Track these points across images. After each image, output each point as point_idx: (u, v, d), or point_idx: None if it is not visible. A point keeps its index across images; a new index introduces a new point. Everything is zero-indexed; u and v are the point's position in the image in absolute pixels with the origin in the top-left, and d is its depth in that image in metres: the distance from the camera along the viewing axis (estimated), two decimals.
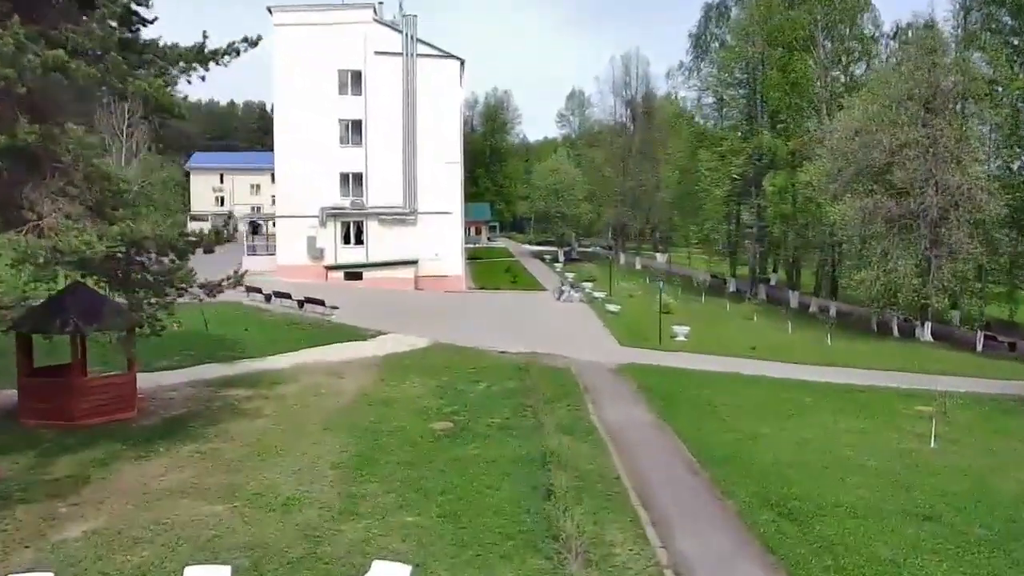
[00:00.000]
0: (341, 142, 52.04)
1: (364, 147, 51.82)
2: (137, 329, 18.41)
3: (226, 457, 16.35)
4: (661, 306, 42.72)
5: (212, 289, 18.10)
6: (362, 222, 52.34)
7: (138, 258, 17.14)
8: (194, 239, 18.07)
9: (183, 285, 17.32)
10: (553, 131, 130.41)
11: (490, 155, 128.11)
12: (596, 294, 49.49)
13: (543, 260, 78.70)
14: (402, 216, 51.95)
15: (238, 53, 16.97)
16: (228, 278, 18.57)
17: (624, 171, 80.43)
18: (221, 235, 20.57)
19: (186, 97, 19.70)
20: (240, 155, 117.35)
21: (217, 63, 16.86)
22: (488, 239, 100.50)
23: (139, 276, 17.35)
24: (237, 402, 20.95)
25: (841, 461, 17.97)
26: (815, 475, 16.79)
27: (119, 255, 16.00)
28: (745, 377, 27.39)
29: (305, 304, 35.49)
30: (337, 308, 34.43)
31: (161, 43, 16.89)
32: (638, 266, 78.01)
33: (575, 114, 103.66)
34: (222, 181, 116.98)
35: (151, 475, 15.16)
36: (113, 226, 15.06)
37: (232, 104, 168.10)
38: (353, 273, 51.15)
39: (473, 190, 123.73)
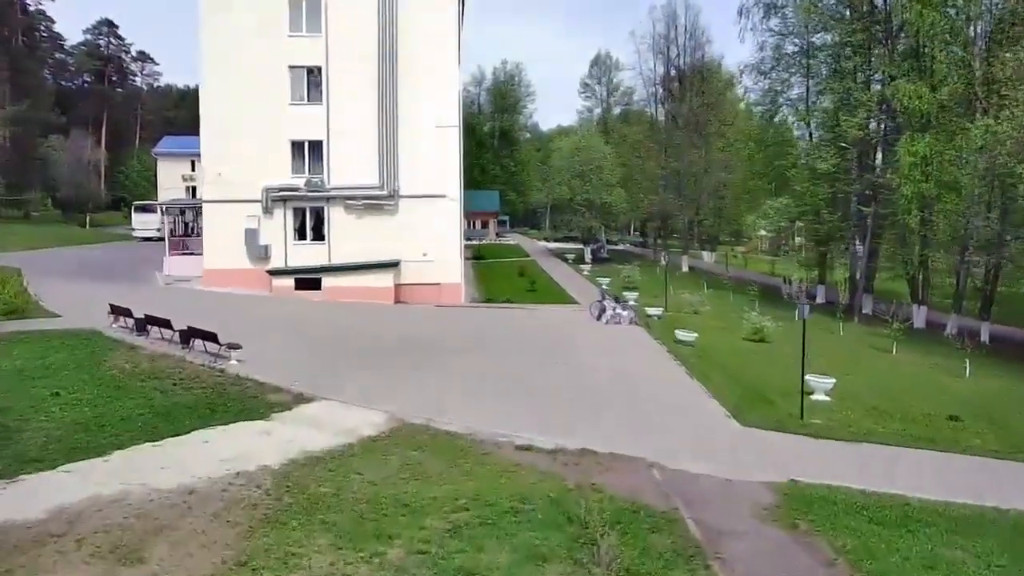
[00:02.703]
0: (293, 98, 38.73)
1: (325, 105, 38.48)
2: None
3: None
4: (758, 334, 29.53)
5: None
6: (322, 209, 39.05)
7: None
8: None
9: None
10: (571, 117, 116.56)
11: (499, 138, 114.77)
12: (650, 311, 36.00)
13: (565, 261, 65.14)
14: (377, 201, 38.63)
15: None
16: None
17: (667, 150, 66.89)
18: None
19: None
20: None
21: None
22: (497, 235, 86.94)
23: None
24: None
25: None
26: None
27: None
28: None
29: (192, 340, 22.07)
30: (237, 348, 21.03)
31: None
32: (685, 267, 64.35)
33: (602, 82, 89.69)
34: (193, 168, 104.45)
35: None
36: None
37: None
38: (308, 281, 37.81)
39: (480, 178, 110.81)
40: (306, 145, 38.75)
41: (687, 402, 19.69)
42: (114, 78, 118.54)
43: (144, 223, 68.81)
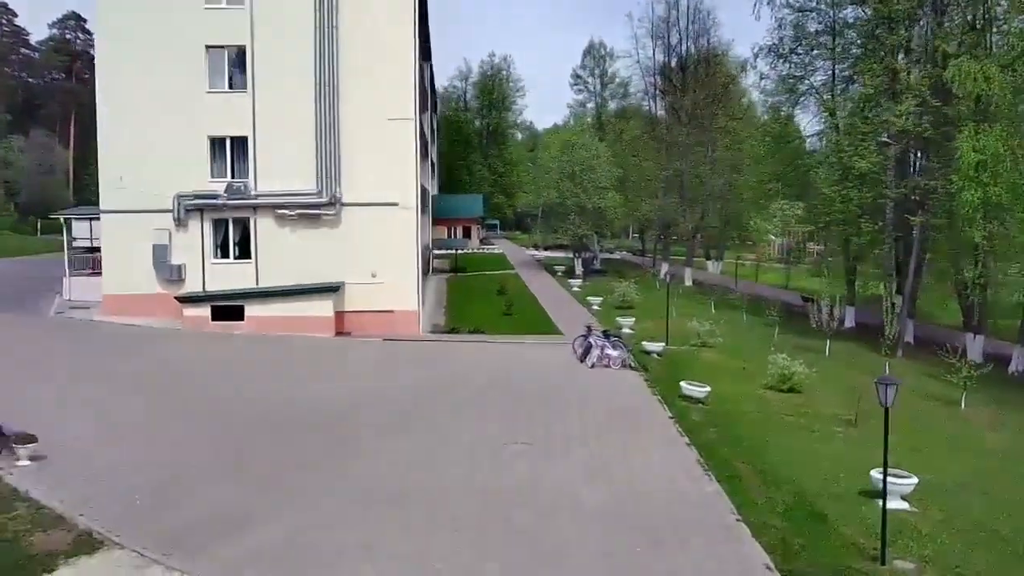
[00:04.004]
0: (211, 86, 32.15)
1: (251, 94, 31.89)
2: None
3: None
4: (787, 383, 23.12)
5: None
6: (248, 221, 32.43)
7: None
8: None
9: None
10: (563, 113, 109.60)
11: (487, 136, 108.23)
12: (648, 347, 29.35)
13: (554, 273, 58.45)
14: (315, 210, 32.04)
15: None
16: None
17: (667, 148, 60.22)
18: None
19: None
20: None
21: None
22: (481, 242, 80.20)
23: None
24: None
25: None
26: None
27: None
28: None
29: None
30: (30, 442, 14.30)
31: None
32: (688, 281, 57.65)
33: (595, 74, 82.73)
34: None
35: None
36: None
37: None
38: (227, 309, 31.16)
39: (467, 180, 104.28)
40: (228, 142, 32.19)
41: (709, 541, 12.85)
42: (85, 75, 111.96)
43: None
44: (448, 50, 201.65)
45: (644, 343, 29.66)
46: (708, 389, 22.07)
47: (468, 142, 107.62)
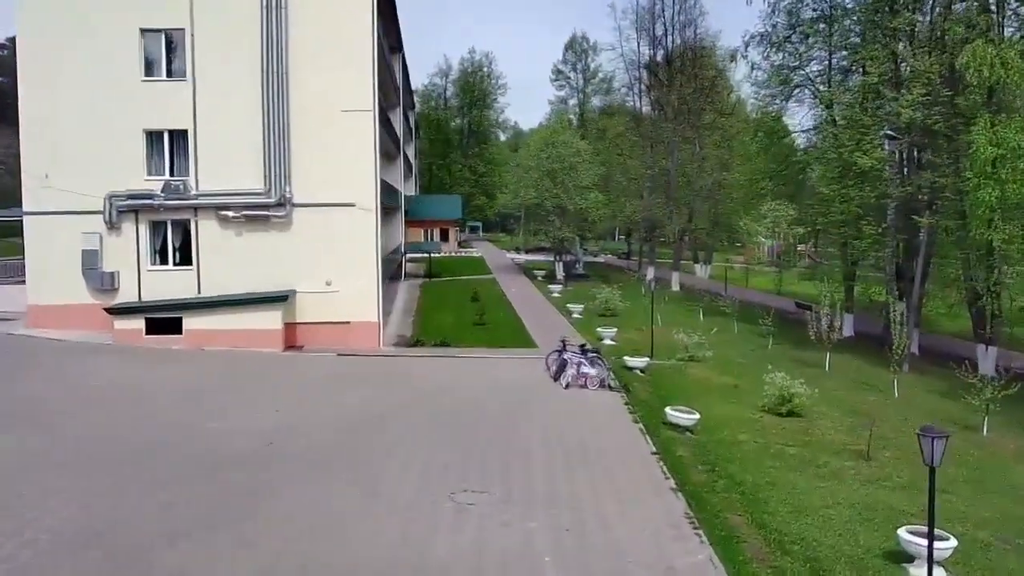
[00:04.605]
0: (147, 74, 29.15)
1: (191, 83, 28.91)
2: None
3: None
4: (786, 405, 20.61)
5: None
6: (188, 223, 29.42)
7: None
8: None
9: None
10: (546, 111, 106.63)
11: (467, 136, 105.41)
12: (631, 363, 26.57)
13: (534, 278, 55.68)
14: (263, 211, 29.08)
15: None
16: None
17: (653, 146, 57.51)
18: None
19: None
20: None
21: None
22: (459, 245, 77.28)
23: None
24: None
25: None
26: None
27: None
28: None
29: None
30: None
31: None
32: (675, 286, 54.95)
33: (577, 69, 79.88)
34: None
35: None
36: None
37: None
38: (164, 321, 28.12)
39: (448, 181, 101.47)
40: (166, 136, 29.20)
41: None
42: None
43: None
44: (430, 48, 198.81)
45: (626, 358, 26.89)
46: (697, 416, 19.27)
47: (448, 141, 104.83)
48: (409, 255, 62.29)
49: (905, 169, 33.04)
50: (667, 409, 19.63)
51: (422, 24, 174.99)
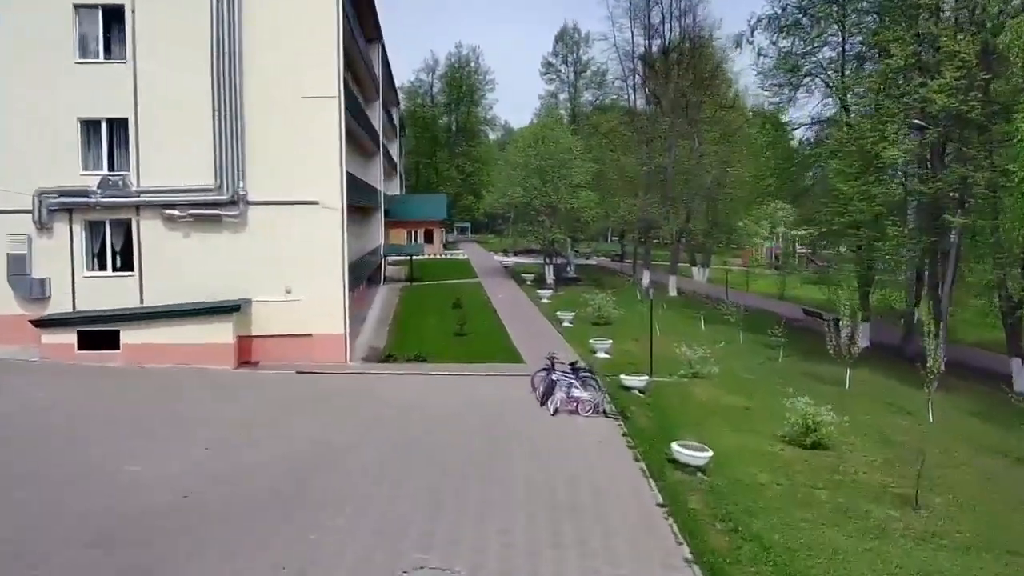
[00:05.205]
0: (82, 55, 26.01)
1: (132, 65, 25.79)
2: None
3: None
4: (810, 435, 17.88)
5: None
6: (129, 223, 26.29)
7: None
8: None
9: None
10: (536, 106, 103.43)
11: (455, 133, 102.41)
12: (628, 382, 23.54)
13: (522, 282, 52.67)
14: (214, 210, 25.99)
15: None
16: None
17: (649, 142, 54.52)
18: None
19: None
20: None
21: None
22: (444, 246, 74.17)
23: None
24: None
25: None
26: None
27: None
28: None
29: None
30: None
31: None
32: (673, 290, 52.00)
33: (568, 61, 76.76)
34: None
35: None
36: None
37: None
38: (99, 335, 24.99)
39: (435, 180, 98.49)
40: (104, 126, 26.10)
41: None
42: None
43: None
44: (419, 45, 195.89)
45: (623, 377, 23.85)
46: (709, 454, 16.24)
47: (435, 139, 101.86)
48: (391, 257, 59.25)
49: (929, 163, 30.03)
50: (673, 445, 16.60)
51: (409, 21, 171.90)
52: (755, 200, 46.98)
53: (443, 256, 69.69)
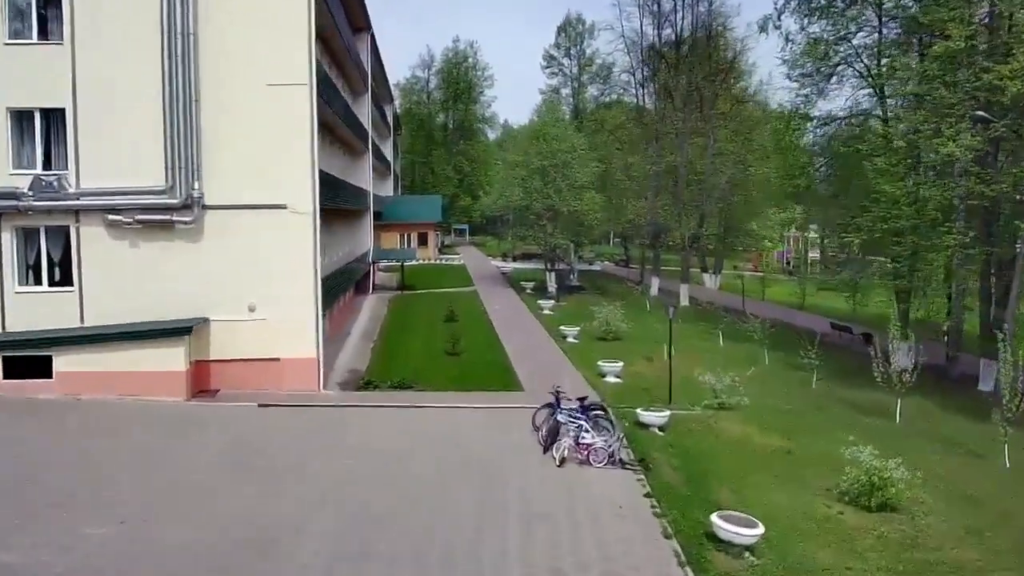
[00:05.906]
0: (12, 35, 22.62)
1: (69, 47, 22.39)
2: None
3: None
4: (877, 496, 14.35)
5: None
6: (68, 230, 22.89)
7: None
8: None
9: None
10: (537, 102, 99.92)
11: (451, 131, 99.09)
12: (646, 419, 20.12)
13: (522, 291, 49.30)
14: (164, 215, 22.58)
15: None
16: None
17: (658, 139, 51.08)
18: None
19: None
20: None
21: None
22: (440, 251, 70.78)
23: None
24: None
25: None
26: None
27: None
28: None
29: None
30: None
31: None
32: (684, 299, 48.62)
33: (571, 54, 73.28)
34: None
35: None
36: None
37: None
38: (28, 361, 21.60)
39: (431, 180, 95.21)
40: (37, 117, 22.68)
41: None
42: None
43: None
44: (415, 41, 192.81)
45: (639, 412, 20.44)
46: (760, 531, 12.82)
47: (432, 138, 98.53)
48: (382, 263, 55.92)
49: (995, 160, 26.46)
50: (714, 517, 13.17)
51: (405, 15, 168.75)
52: (778, 202, 43.48)
53: (438, 261, 66.27)
